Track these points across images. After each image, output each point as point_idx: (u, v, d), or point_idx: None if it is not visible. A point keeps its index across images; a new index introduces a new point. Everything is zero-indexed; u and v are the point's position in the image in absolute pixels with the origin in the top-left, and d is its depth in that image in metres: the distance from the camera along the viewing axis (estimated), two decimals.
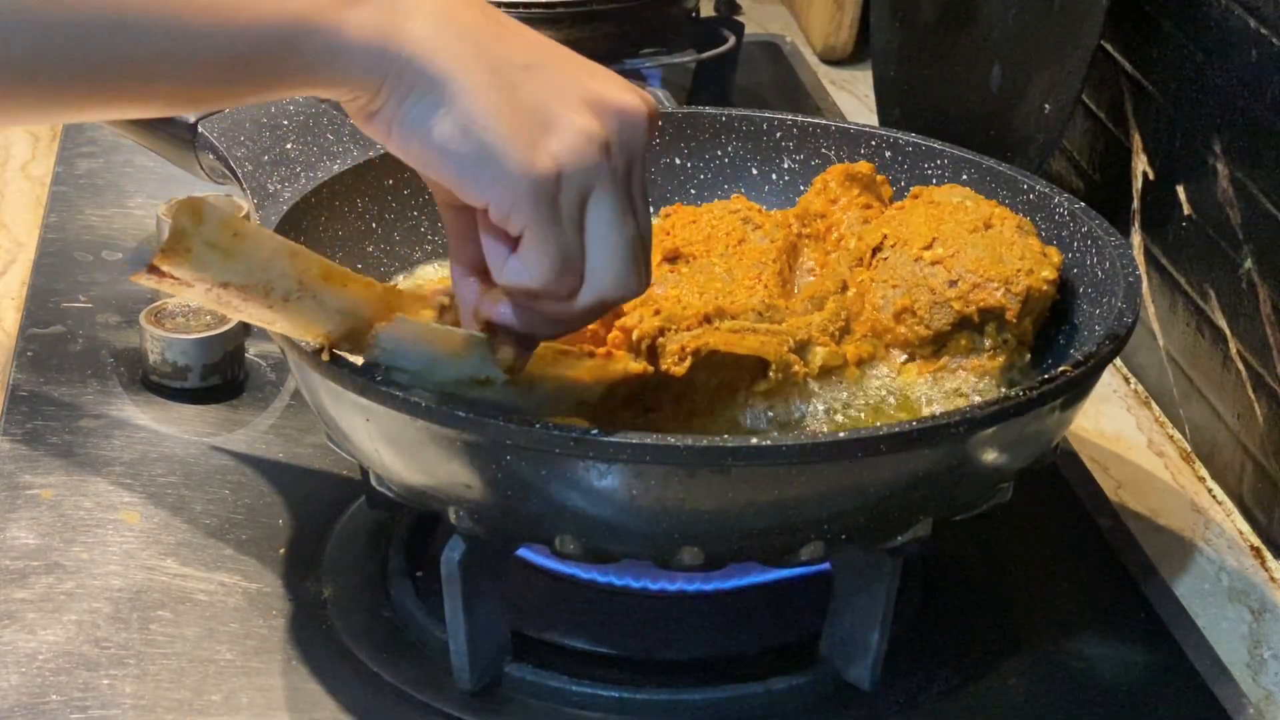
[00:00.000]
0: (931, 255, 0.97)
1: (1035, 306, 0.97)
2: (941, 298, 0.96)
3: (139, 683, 0.89)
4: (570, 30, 1.40)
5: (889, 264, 0.98)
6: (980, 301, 0.95)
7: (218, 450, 1.08)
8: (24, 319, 1.20)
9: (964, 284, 0.96)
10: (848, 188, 1.04)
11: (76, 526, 1.00)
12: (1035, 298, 0.96)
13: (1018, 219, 1.00)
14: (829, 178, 1.04)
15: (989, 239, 0.97)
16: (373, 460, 0.87)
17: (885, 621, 0.88)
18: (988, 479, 0.87)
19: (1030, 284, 0.95)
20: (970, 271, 0.96)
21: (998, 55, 1.26)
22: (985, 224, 0.98)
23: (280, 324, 0.80)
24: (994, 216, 0.99)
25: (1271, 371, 1.03)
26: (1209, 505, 1.09)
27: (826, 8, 1.67)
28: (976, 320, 0.96)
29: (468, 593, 0.86)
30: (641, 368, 0.87)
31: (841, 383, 0.94)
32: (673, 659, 0.92)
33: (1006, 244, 0.97)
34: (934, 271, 0.96)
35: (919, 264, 0.97)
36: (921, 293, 0.96)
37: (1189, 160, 1.12)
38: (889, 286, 0.97)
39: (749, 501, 0.81)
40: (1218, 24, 1.08)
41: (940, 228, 0.98)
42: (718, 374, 0.89)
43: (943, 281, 0.96)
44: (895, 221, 1.00)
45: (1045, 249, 0.98)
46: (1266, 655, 0.96)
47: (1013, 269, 0.96)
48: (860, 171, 1.04)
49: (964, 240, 0.97)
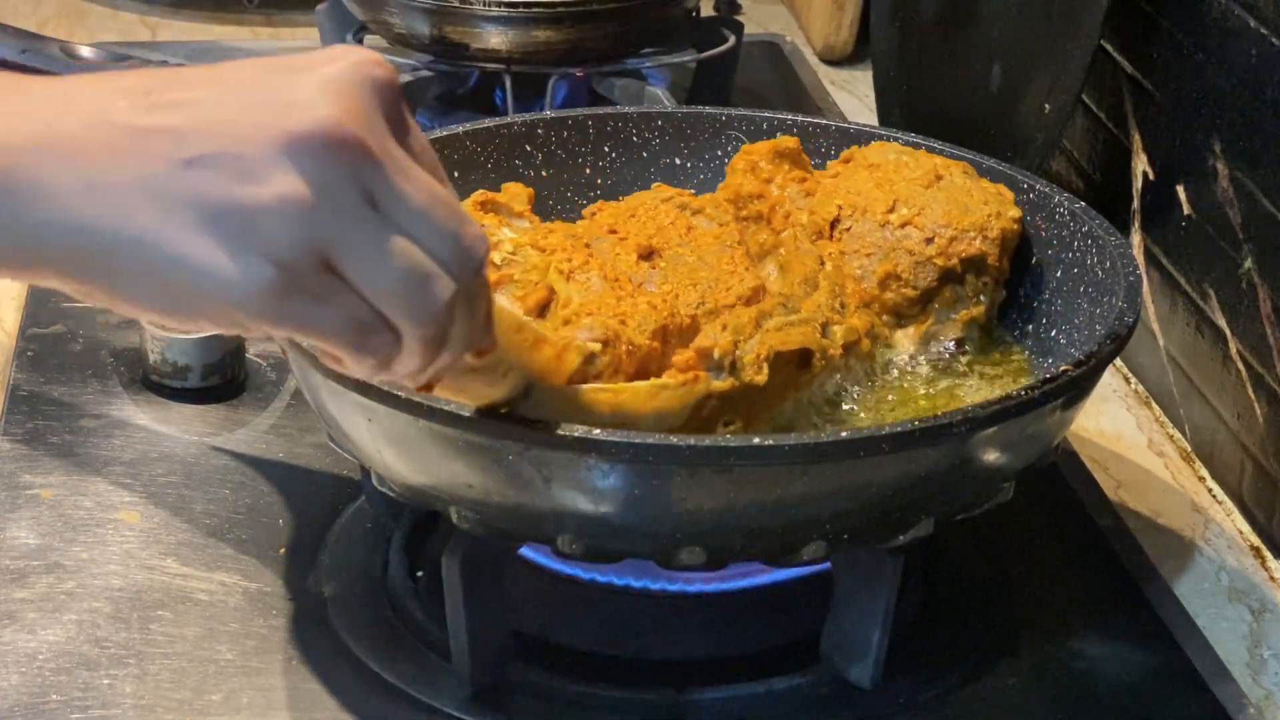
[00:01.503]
0: (898, 218, 0.99)
1: (1010, 245, 1.00)
2: (922, 256, 0.98)
3: (139, 683, 0.89)
4: (570, 30, 1.40)
5: (855, 234, 0.98)
6: (961, 253, 0.98)
7: (218, 450, 1.08)
8: (24, 319, 1.20)
9: (940, 239, 0.98)
10: (779, 165, 1.03)
11: (76, 526, 1.00)
12: (1009, 237, 1.00)
13: (960, 164, 1.03)
14: (756, 158, 1.03)
15: (947, 191, 0.99)
16: (374, 460, 0.87)
17: (886, 621, 0.88)
18: (989, 479, 0.87)
19: (1003, 226, 0.99)
20: (943, 226, 0.98)
21: (998, 55, 1.26)
22: (935, 176, 1.00)
23: (488, 398, 0.78)
24: (938, 167, 1.02)
25: (1271, 371, 1.03)
26: (1209, 505, 1.09)
27: (826, 8, 1.67)
28: (960, 271, 0.98)
29: (468, 593, 0.86)
30: (729, 384, 0.86)
31: (859, 357, 0.94)
32: (673, 659, 0.92)
33: (965, 192, 1.00)
34: (907, 233, 0.98)
35: (888, 229, 0.98)
36: (901, 256, 0.98)
37: (1189, 160, 1.12)
38: (863, 256, 0.98)
39: (751, 501, 0.81)
40: (1218, 24, 1.08)
41: (894, 189, 0.99)
42: (779, 373, 0.89)
43: (919, 241, 0.98)
44: (843, 190, 1.01)
45: (997, 187, 1.01)
46: (1266, 655, 0.96)
47: (982, 215, 0.99)
48: (787, 147, 1.04)
49: (924, 197, 0.99)
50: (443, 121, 1.42)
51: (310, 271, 0.63)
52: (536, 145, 1.10)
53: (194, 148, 0.62)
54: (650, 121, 1.11)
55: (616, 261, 0.92)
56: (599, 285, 0.89)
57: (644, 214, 0.97)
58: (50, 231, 0.62)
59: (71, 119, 0.63)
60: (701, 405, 0.85)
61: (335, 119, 0.62)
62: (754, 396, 0.88)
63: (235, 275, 0.62)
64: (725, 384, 0.86)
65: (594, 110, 1.13)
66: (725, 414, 0.87)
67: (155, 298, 0.63)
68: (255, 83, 0.64)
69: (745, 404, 0.88)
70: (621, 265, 0.92)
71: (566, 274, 0.90)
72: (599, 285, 0.89)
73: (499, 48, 1.40)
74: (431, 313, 0.65)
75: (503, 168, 1.09)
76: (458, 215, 0.66)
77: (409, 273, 0.64)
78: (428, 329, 0.66)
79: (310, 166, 0.62)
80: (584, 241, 0.94)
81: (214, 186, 0.62)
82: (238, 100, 0.63)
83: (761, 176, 1.03)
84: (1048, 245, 1.02)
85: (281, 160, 0.62)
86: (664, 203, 0.99)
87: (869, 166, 1.02)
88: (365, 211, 0.63)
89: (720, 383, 0.86)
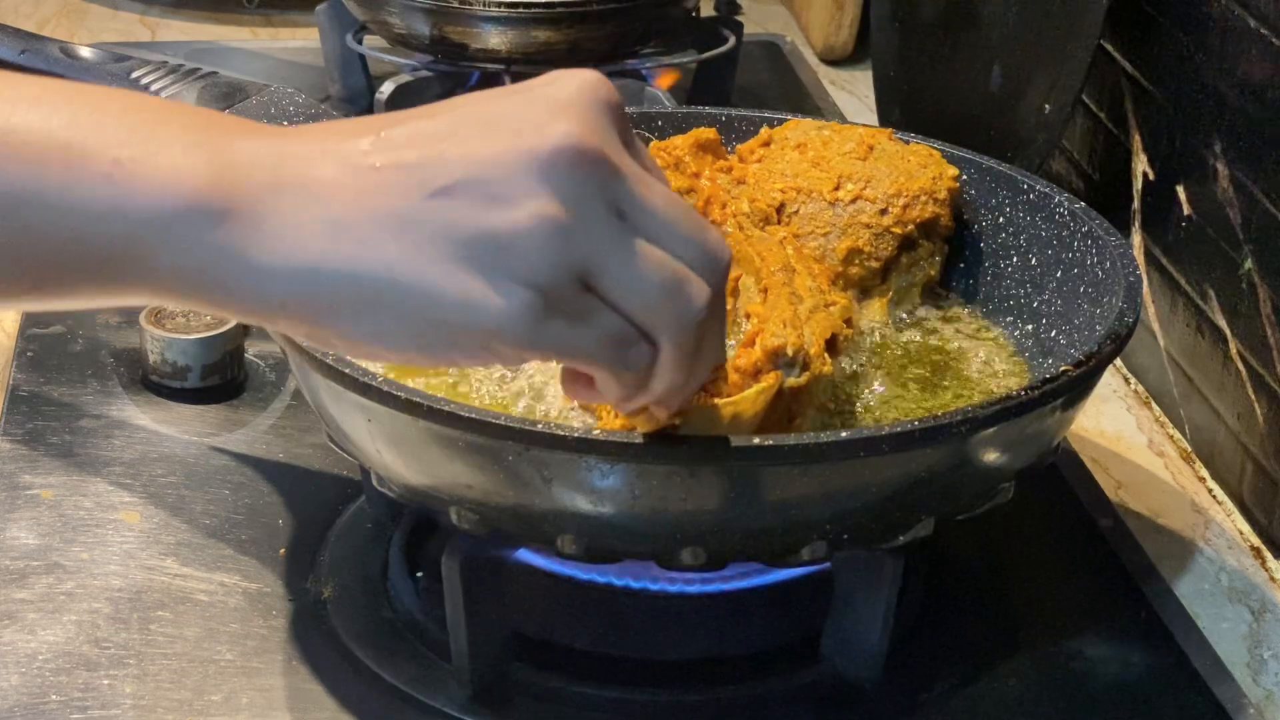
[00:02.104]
0: (847, 194, 1.01)
1: (955, 202, 1.03)
2: (879, 228, 1.01)
3: (139, 683, 0.89)
4: (570, 30, 1.40)
5: (805, 215, 1.00)
6: (915, 218, 1.01)
7: (218, 450, 1.08)
8: (24, 319, 1.20)
9: (894, 209, 1.01)
10: (702, 158, 1.04)
11: (76, 526, 1.00)
12: (954, 195, 1.03)
13: (884, 131, 1.05)
14: (678, 154, 1.02)
15: (884, 160, 1.02)
16: (374, 460, 0.87)
17: (886, 621, 0.88)
18: (989, 479, 0.87)
19: (948, 186, 1.02)
20: (893, 196, 1.01)
21: (998, 55, 1.26)
22: (868, 147, 1.03)
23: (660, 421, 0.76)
24: (864, 136, 1.04)
25: (1271, 371, 1.03)
26: (1209, 505, 1.09)
27: (826, 8, 1.67)
28: (915, 237, 1.02)
29: (468, 593, 0.86)
30: (805, 379, 0.85)
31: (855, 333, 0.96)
32: (673, 659, 0.92)
33: (900, 158, 1.03)
34: (860, 208, 1.00)
35: (838, 206, 1.00)
36: (859, 230, 1.00)
37: (1189, 160, 1.12)
38: (819, 236, 1.00)
39: (751, 501, 0.81)
40: (1218, 24, 1.08)
41: (832, 166, 1.01)
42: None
43: (873, 214, 1.01)
44: (777, 173, 1.02)
45: (926, 149, 1.04)
46: (1266, 655, 0.96)
47: (926, 179, 1.02)
48: (707, 138, 1.04)
49: (866, 170, 1.02)
50: None
51: (569, 291, 0.62)
52: None
53: (438, 179, 0.61)
54: (650, 121, 1.11)
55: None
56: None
57: None
58: (293, 274, 0.61)
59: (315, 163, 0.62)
60: (774, 405, 0.83)
61: (578, 134, 0.62)
62: (812, 389, 0.88)
63: (495, 303, 0.61)
64: (802, 379, 0.86)
65: None
66: (791, 409, 0.86)
67: (405, 336, 0.62)
68: (484, 111, 0.63)
69: (808, 397, 0.88)
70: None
71: None
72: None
73: (499, 48, 1.40)
74: (693, 318, 0.65)
75: None
76: (700, 222, 0.66)
77: (667, 280, 0.64)
78: (687, 337, 0.65)
79: (559, 184, 0.61)
80: None
81: (464, 215, 0.61)
82: (472, 129, 0.62)
83: (688, 171, 1.03)
84: (1048, 245, 1.02)
85: (529, 181, 0.61)
86: None
87: (796, 147, 1.03)
88: (617, 224, 0.63)
89: (796, 379, 0.85)
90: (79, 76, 1.11)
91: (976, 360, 1.00)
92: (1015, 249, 1.04)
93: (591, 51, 1.43)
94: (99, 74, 1.10)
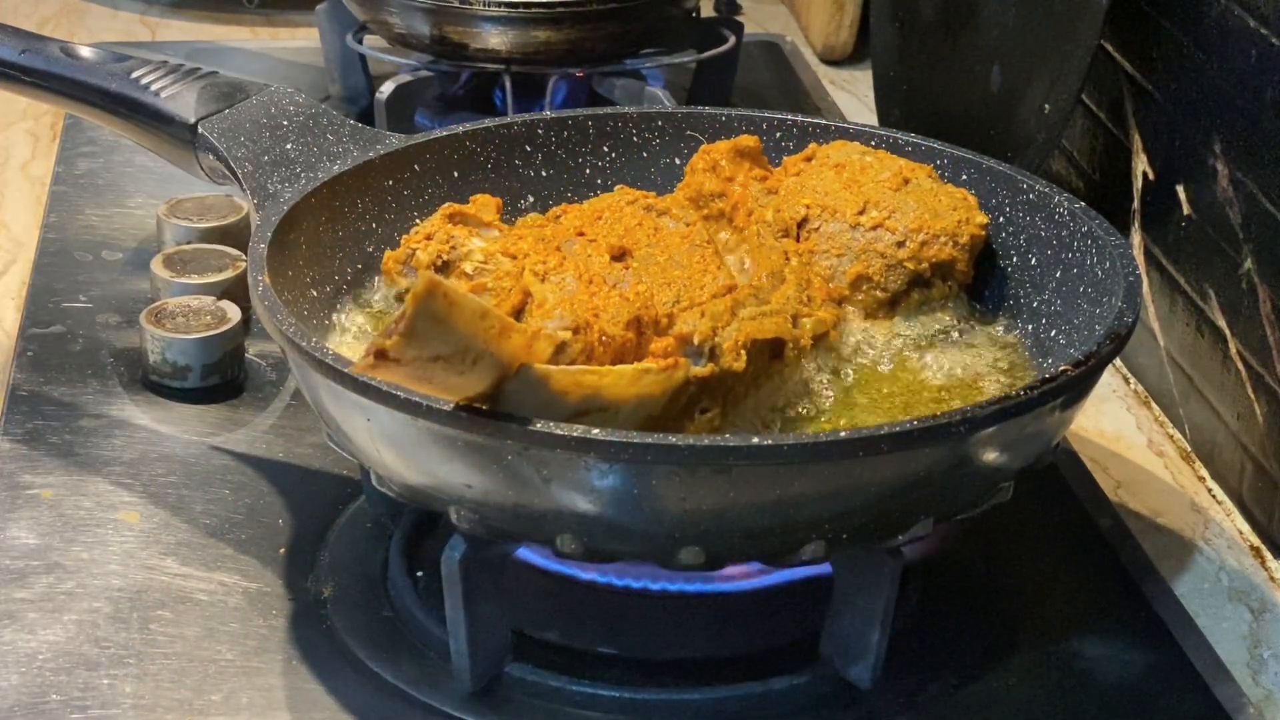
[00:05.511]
0: (869, 220, 1.00)
1: (975, 251, 1.01)
2: (894, 259, 0.99)
3: (139, 683, 0.89)
4: (570, 30, 1.40)
5: (825, 234, 1.00)
6: (931, 258, 1.00)
7: (218, 450, 1.08)
8: (24, 319, 1.20)
9: (912, 244, 0.99)
10: (739, 164, 1.04)
11: (76, 526, 1.00)
12: (976, 243, 1.01)
13: (925, 168, 1.04)
14: (716, 158, 1.03)
15: (916, 194, 1.01)
16: (373, 460, 0.87)
17: (885, 621, 0.88)
18: (988, 478, 0.87)
19: (971, 233, 1.00)
20: (914, 230, 1.00)
21: (998, 55, 1.26)
22: (904, 179, 1.02)
23: (461, 390, 0.77)
24: (904, 169, 1.03)
25: (1271, 371, 1.03)
26: (1209, 505, 1.09)
27: (826, 8, 1.67)
28: (928, 276, 1.00)
29: (468, 592, 0.86)
30: (709, 370, 0.86)
31: (828, 347, 0.96)
32: (673, 659, 0.92)
33: (933, 195, 1.02)
34: (878, 235, 0.99)
35: (858, 230, 1.00)
36: (872, 258, 0.99)
37: (1189, 160, 1.12)
38: (833, 256, 1.00)
39: (750, 501, 0.81)
40: (1218, 24, 1.08)
41: (863, 190, 1.00)
42: (754, 362, 0.89)
43: (890, 244, 0.99)
44: (809, 189, 1.02)
45: (962, 192, 1.03)
46: (1266, 655, 0.96)
47: (951, 221, 1.00)
48: (747, 146, 1.05)
49: (894, 200, 1.01)
50: (443, 121, 1.42)
51: None
52: (536, 145, 1.10)
53: None
54: (650, 121, 1.11)
55: (589, 263, 0.92)
56: (574, 285, 0.90)
57: (610, 216, 0.98)
58: None
59: None
60: (680, 392, 0.85)
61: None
62: (731, 384, 0.88)
63: None
64: (705, 370, 0.86)
65: (594, 110, 1.13)
66: (702, 401, 0.87)
67: None
68: None
69: (722, 392, 0.88)
70: (595, 266, 0.92)
71: (541, 276, 0.90)
72: (574, 285, 0.90)
73: (499, 48, 1.40)
74: None
75: (503, 168, 1.09)
76: None
77: None
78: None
79: None
80: (554, 245, 0.94)
81: None
82: None
83: (723, 175, 1.03)
84: (1047, 245, 1.02)
85: None
86: (629, 204, 0.99)
87: (835, 166, 1.03)
88: None
89: (700, 369, 0.86)
90: (79, 76, 1.11)
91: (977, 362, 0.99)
92: (1015, 249, 1.04)
93: (591, 51, 1.43)
94: (99, 74, 1.10)
